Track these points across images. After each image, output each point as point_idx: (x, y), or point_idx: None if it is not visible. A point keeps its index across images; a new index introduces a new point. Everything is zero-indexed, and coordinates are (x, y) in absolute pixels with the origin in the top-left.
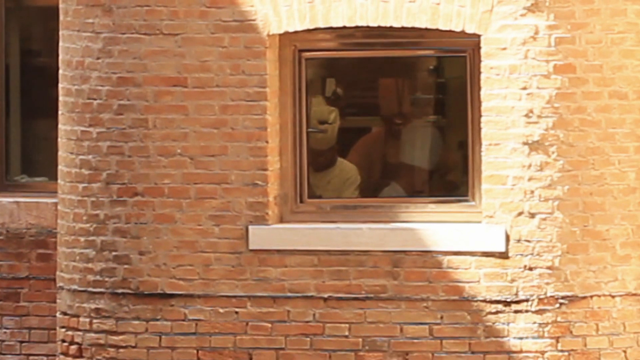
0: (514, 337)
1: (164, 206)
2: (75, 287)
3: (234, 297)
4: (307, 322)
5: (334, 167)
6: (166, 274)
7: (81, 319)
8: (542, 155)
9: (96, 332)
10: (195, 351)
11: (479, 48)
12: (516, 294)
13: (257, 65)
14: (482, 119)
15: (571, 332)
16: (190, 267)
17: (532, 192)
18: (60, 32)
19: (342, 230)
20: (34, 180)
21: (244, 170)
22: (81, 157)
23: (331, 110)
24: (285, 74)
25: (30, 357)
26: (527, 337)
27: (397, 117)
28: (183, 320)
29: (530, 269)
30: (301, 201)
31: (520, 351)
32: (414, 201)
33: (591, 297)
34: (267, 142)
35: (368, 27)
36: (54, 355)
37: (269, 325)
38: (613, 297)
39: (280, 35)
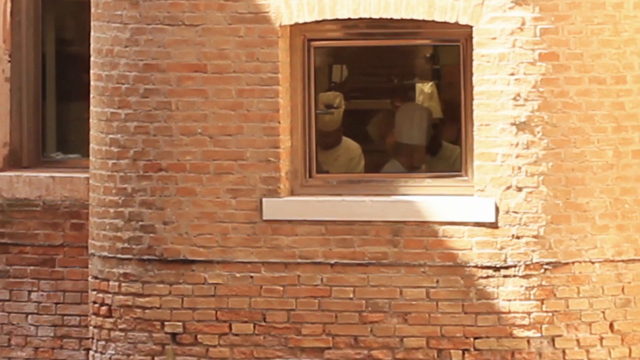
0: (503, 300)
1: (185, 180)
2: (105, 253)
3: (249, 263)
4: (316, 285)
5: (339, 145)
6: (188, 242)
7: (111, 283)
8: (528, 134)
9: (124, 294)
10: (214, 312)
11: (471, 38)
12: (505, 261)
13: (270, 53)
14: (474, 102)
15: (555, 294)
16: (210, 236)
17: (520, 168)
18: (92, 23)
19: (347, 202)
20: (68, 157)
21: (258, 148)
22: (111, 136)
23: (336, 95)
24: (295, 61)
25: (65, 317)
26: (514, 300)
27: (397, 101)
28: (203, 283)
29: (518, 237)
30: (310, 176)
31: (509, 312)
32: (412, 176)
33: (573, 263)
34: (279, 122)
35: (370, 18)
36: (86, 316)
37: (281, 288)
38: (593, 263)
39: (291, 26)
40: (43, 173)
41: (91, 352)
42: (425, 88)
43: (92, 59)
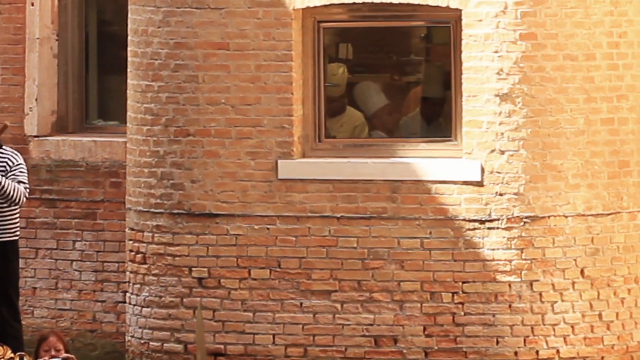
0: (488, 249)
1: (210, 144)
2: (140, 208)
3: (266, 216)
4: (324, 236)
5: (344, 113)
6: (212, 198)
7: (145, 234)
8: (510, 104)
9: (157, 244)
10: (235, 259)
11: (461, 20)
12: (489, 215)
13: (284, 33)
14: (463, 76)
15: (533, 244)
16: (231, 193)
17: (502, 134)
18: (129, 7)
19: (352, 163)
20: (108, 123)
21: (273, 116)
22: (145, 105)
23: (340, 65)
24: (306, 40)
25: (105, 264)
26: (497, 249)
27: (396, 75)
28: (225, 234)
29: (501, 194)
30: (319, 140)
31: (493, 260)
32: (409, 141)
33: (549, 217)
34: (292, 93)
35: (372, 2)
36: (123, 262)
37: (294, 238)
38: (566, 217)
39: (302, 9)
40: (86, 138)
41: (128, 294)
42: (420, 63)
43: (129, 37)
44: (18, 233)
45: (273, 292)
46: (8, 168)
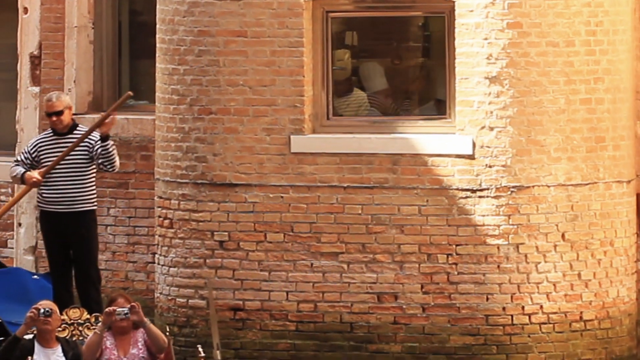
0: (478, 215)
1: (230, 121)
2: (168, 178)
3: (280, 186)
4: (332, 204)
5: (351, 94)
6: (232, 170)
7: (172, 201)
8: (498, 86)
9: (183, 210)
10: (252, 224)
11: (454, 10)
12: (480, 185)
13: (296, 22)
14: (456, 61)
15: (519, 211)
16: (249, 165)
17: (491, 112)
18: None
19: (357, 138)
20: (139, 103)
21: (287, 96)
22: (172, 86)
23: (345, 51)
24: (316, 28)
25: (136, 228)
26: (487, 215)
27: (396, 59)
28: (244, 202)
29: (490, 166)
30: (328, 118)
31: (483, 225)
32: (408, 118)
33: (533, 187)
34: (303, 76)
35: None
36: (153, 227)
37: (305, 206)
38: (548, 187)
39: (313, 0)
40: (119, 115)
41: (157, 256)
42: (418, 49)
43: (157, 26)
44: (96, 203)
45: (286, 254)
46: (93, 142)
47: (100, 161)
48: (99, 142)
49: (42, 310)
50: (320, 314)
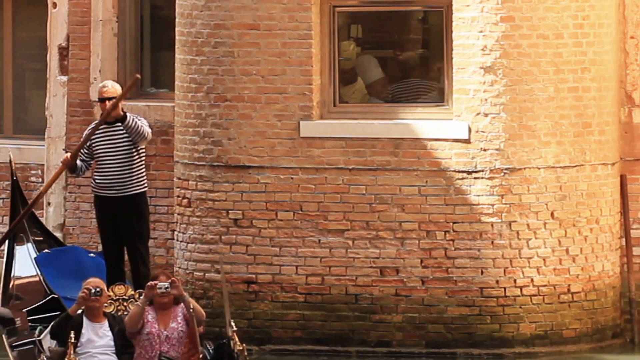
0: (474, 195)
1: (244, 108)
2: (186, 161)
3: (290, 168)
4: (338, 184)
5: (355, 82)
6: (245, 153)
7: (190, 182)
8: (492, 75)
9: (200, 190)
10: (264, 203)
11: (451, 5)
12: (475, 167)
13: (305, 16)
14: (453, 52)
15: (511, 191)
16: (261, 148)
17: (486, 99)
18: None
19: (361, 124)
20: (159, 91)
21: (296, 84)
22: (190, 75)
23: (350, 42)
24: (324, 21)
25: (157, 207)
26: (482, 195)
27: (397, 50)
28: (256, 183)
29: (485, 150)
30: (334, 105)
31: (478, 204)
32: (409, 105)
33: (524, 168)
34: (312, 66)
35: None
36: (172, 206)
37: (313, 186)
38: (538, 169)
39: None
40: (141, 102)
41: (176, 232)
42: (418, 41)
43: (176, 19)
44: (146, 185)
45: (296, 231)
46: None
47: (132, 139)
48: (132, 119)
49: (92, 291)
50: (327, 286)
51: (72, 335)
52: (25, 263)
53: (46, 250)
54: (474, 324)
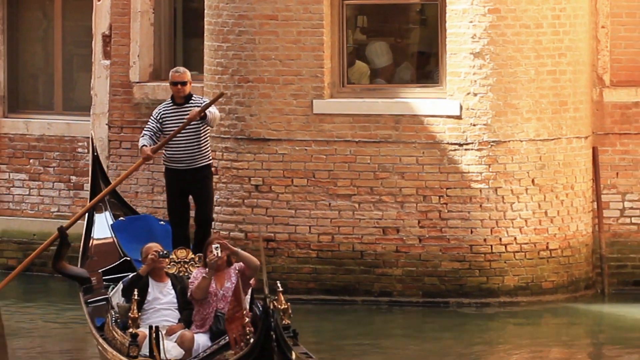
0: (464, 164)
1: (264, 88)
2: (213, 134)
3: (304, 140)
4: (346, 155)
5: (354, 65)
6: (265, 127)
7: (217, 153)
8: (481, 60)
9: (225, 160)
10: (282, 171)
11: None
12: (466, 140)
13: (318, 8)
14: (447, 39)
15: (497, 161)
16: (279, 123)
17: (475, 81)
18: None
19: (366, 102)
20: (191, 73)
21: (310, 68)
22: (217, 60)
23: (356, 31)
24: (334, 13)
25: None
26: (471, 164)
27: (398, 38)
28: (275, 153)
29: (474, 125)
30: (343, 86)
31: (468, 172)
32: (408, 86)
33: (509, 141)
34: (323, 52)
35: None
36: None
37: (324, 157)
38: (521, 141)
39: None
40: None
41: None
42: (416, 30)
43: (205, 11)
44: (211, 158)
45: (309, 195)
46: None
47: (209, 125)
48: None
49: (160, 253)
50: (336, 244)
51: (136, 293)
52: (103, 229)
53: (121, 218)
54: (464, 276)
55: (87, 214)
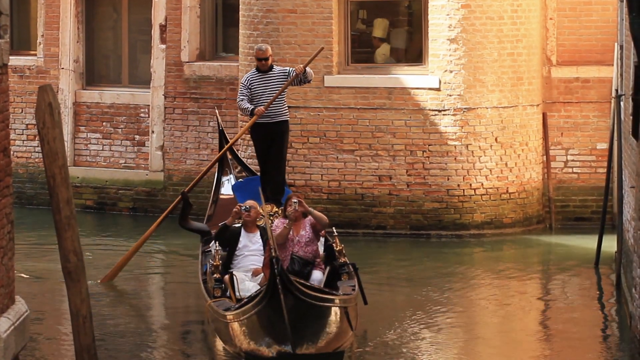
0: (442, 127)
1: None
2: None
3: (317, 107)
4: (350, 119)
5: (380, 47)
6: (287, 97)
7: (247, 117)
8: (455, 45)
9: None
10: (300, 131)
11: None
12: (443, 107)
13: (328, 4)
14: (429, 28)
15: (468, 124)
16: (298, 94)
17: (451, 61)
18: None
19: (366, 77)
20: (228, 54)
21: (322, 51)
22: (249, 44)
23: (384, 21)
24: (341, 8)
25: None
26: (448, 126)
27: (391, 27)
28: (295, 117)
29: (450, 95)
30: (347, 65)
31: (445, 132)
32: (399, 65)
33: (477, 108)
34: (332, 38)
35: None
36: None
37: (333, 120)
38: (487, 108)
39: None
40: (216, 63)
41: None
42: (405, 20)
43: (240, 5)
44: (288, 114)
45: (321, 150)
46: (287, 72)
47: (300, 79)
48: (293, 72)
49: (243, 207)
50: (342, 188)
51: (217, 243)
52: (227, 189)
53: (240, 180)
54: (443, 214)
55: (215, 177)
